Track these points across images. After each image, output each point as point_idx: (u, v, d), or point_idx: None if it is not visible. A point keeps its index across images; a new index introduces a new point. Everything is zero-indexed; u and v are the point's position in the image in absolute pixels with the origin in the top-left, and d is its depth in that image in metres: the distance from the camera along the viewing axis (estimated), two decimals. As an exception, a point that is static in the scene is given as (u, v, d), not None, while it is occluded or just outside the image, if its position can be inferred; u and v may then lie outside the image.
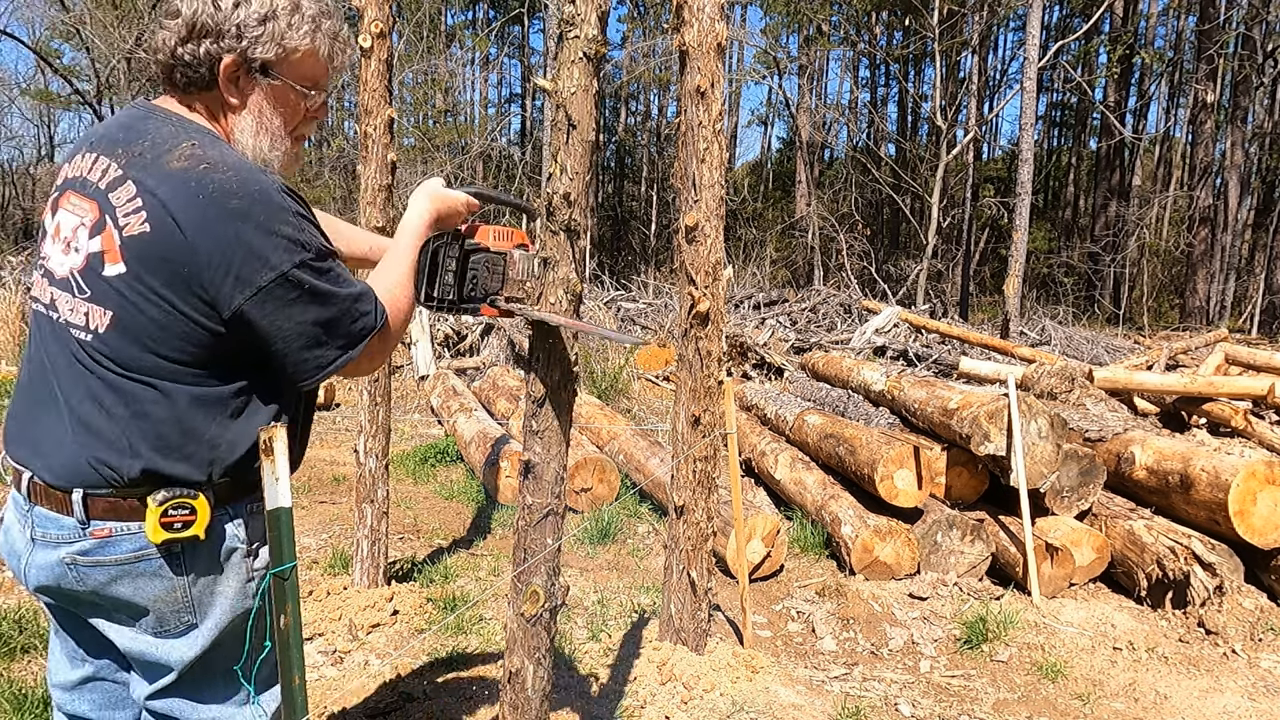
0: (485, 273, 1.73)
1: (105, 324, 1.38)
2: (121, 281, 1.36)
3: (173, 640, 1.48)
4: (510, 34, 30.81)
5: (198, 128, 1.45)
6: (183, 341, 1.38)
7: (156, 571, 1.43)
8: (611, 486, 5.35)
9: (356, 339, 1.46)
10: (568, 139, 1.71)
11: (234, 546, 1.49)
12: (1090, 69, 22.83)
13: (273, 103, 1.50)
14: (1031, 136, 14.82)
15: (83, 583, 1.44)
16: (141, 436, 1.39)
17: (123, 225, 1.36)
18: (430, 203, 1.71)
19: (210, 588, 1.48)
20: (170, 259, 1.34)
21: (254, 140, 1.49)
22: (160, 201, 1.34)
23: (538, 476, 1.82)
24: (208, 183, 1.34)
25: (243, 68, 1.46)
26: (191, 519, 1.41)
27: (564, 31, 1.68)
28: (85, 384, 1.40)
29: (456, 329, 10.52)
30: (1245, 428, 5.92)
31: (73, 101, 23.95)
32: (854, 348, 11.31)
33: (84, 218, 1.41)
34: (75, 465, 1.40)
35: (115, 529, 1.41)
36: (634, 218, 29.44)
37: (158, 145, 1.39)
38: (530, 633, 1.87)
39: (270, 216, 1.36)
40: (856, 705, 3.14)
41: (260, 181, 1.38)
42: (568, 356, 1.78)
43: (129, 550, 1.42)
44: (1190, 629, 3.86)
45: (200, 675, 1.52)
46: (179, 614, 1.47)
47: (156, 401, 1.39)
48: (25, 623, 3.28)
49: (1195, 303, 19.48)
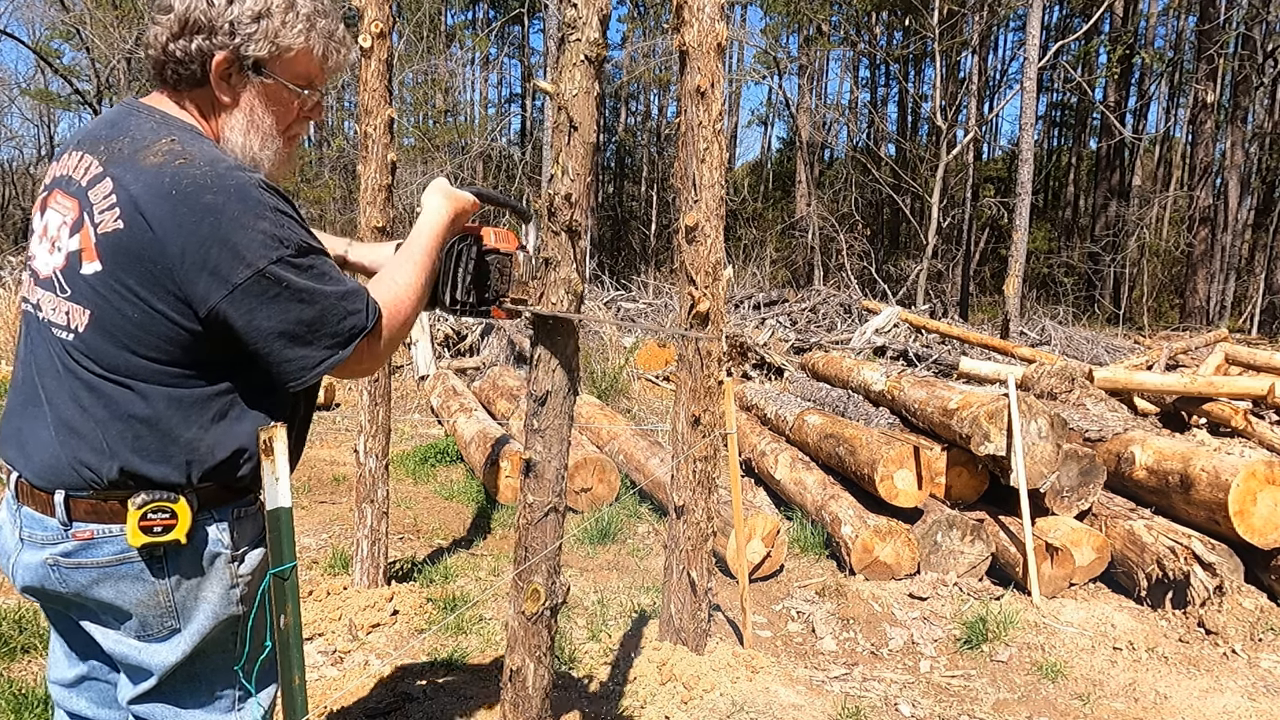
0: (498, 275, 1.73)
1: (84, 323, 1.35)
2: (98, 280, 1.34)
3: (155, 644, 1.46)
4: (510, 34, 30.82)
5: (181, 124, 1.43)
6: (161, 341, 1.34)
7: (138, 575, 1.41)
8: (611, 486, 5.35)
9: (345, 339, 1.40)
10: (569, 140, 1.72)
11: (217, 551, 1.46)
12: (1090, 69, 22.83)
13: (265, 101, 1.47)
14: (1031, 136, 14.83)
15: (65, 584, 1.42)
16: (119, 438, 1.36)
17: (98, 222, 1.33)
18: (448, 201, 1.67)
19: (194, 593, 1.45)
20: (143, 256, 1.31)
21: (244, 139, 1.47)
22: (132, 197, 1.31)
23: (539, 475, 1.83)
24: (181, 177, 1.31)
25: (235, 65, 1.43)
26: (172, 523, 1.38)
27: (565, 34, 1.70)
28: (67, 384, 1.38)
29: (456, 329, 10.52)
30: (1245, 428, 5.92)
31: (73, 101, 23.95)
32: (854, 348, 11.31)
33: (66, 216, 1.39)
34: (57, 466, 1.39)
35: (97, 531, 1.40)
36: (634, 218, 29.45)
37: (137, 141, 1.37)
38: (531, 631, 1.87)
39: (246, 211, 1.32)
40: (856, 705, 3.14)
41: (237, 177, 1.34)
42: (571, 356, 1.79)
43: (110, 553, 1.40)
44: (1190, 629, 3.86)
45: (182, 682, 1.50)
46: (161, 619, 1.45)
47: (134, 402, 1.36)
48: (25, 623, 3.28)
49: (1195, 303, 19.48)
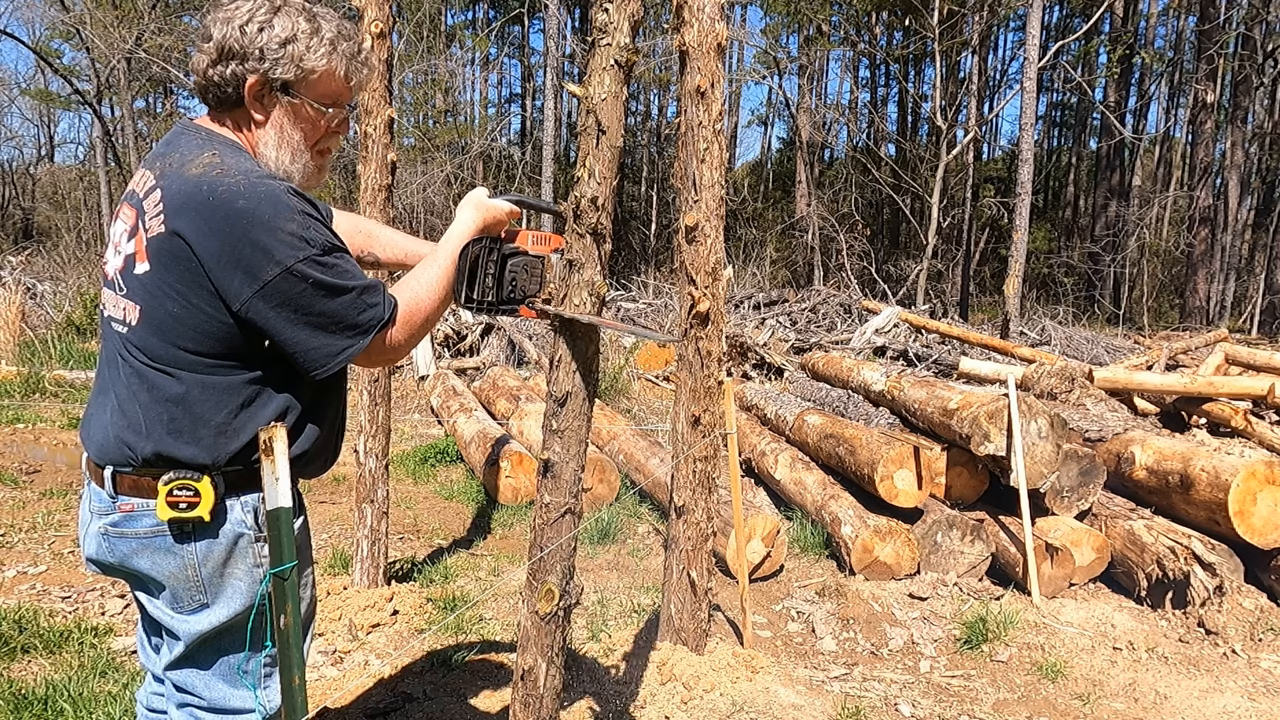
0: (524, 275, 1.82)
1: (136, 318, 1.52)
2: (147, 278, 1.50)
3: (186, 616, 1.59)
4: (510, 34, 30.79)
5: (222, 140, 1.58)
6: (198, 333, 1.49)
7: (170, 549, 1.55)
8: (611, 486, 5.35)
9: (365, 329, 1.54)
10: (597, 143, 1.74)
11: (241, 532, 1.58)
12: (1090, 69, 22.83)
13: (293, 119, 1.61)
14: (1031, 136, 14.82)
15: (113, 553, 1.58)
16: (157, 420, 1.52)
17: (148, 228, 1.50)
18: (476, 212, 1.80)
19: (219, 571, 1.57)
20: (183, 256, 1.46)
21: (276, 153, 1.62)
22: (176, 205, 1.47)
23: (556, 475, 1.84)
24: (217, 186, 1.45)
25: (266, 87, 1.57)
26: (195, 500, 1.51)
27: (596, 39, 1.72)
28: (123, 372, 1.55)
29: (456, 329, 10.53)
30: (1245, 428, 5.92)
31: (73, 102, 23.96)
32: (854, 348, 11.31)
33: (126, 224, 1.56)
34: (106, 444, 1.55)
35: (137, 505, 1.55)
36: (634, 218, 29.42)
37: (184, 156, 1.52)
38: (544, 631, 1.87)
39: (276, 215, 1.45)
40: (856, 705, 3.14)
41: (268, 184, 1.48)
42: (591, 358, 1.81)
43: (148, 526, 1.55)
44: (1190, 629, 3.86)
45: (211, 655, 1.62)
46: (191, 593, 1.58)
47: (173, 388, 1.51)
48: (25, 623, 3.28)
49: (1195, 303, 19.46)
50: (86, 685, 2.84)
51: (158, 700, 1.78)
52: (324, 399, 1.66)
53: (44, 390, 7.79)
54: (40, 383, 7.87)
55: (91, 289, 11.27)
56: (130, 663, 3.08)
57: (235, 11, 1.55)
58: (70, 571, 3.97)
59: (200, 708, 1.65)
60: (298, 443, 1.60)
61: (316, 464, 1.70)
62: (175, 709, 1.67)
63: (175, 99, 24.38)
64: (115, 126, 20.33)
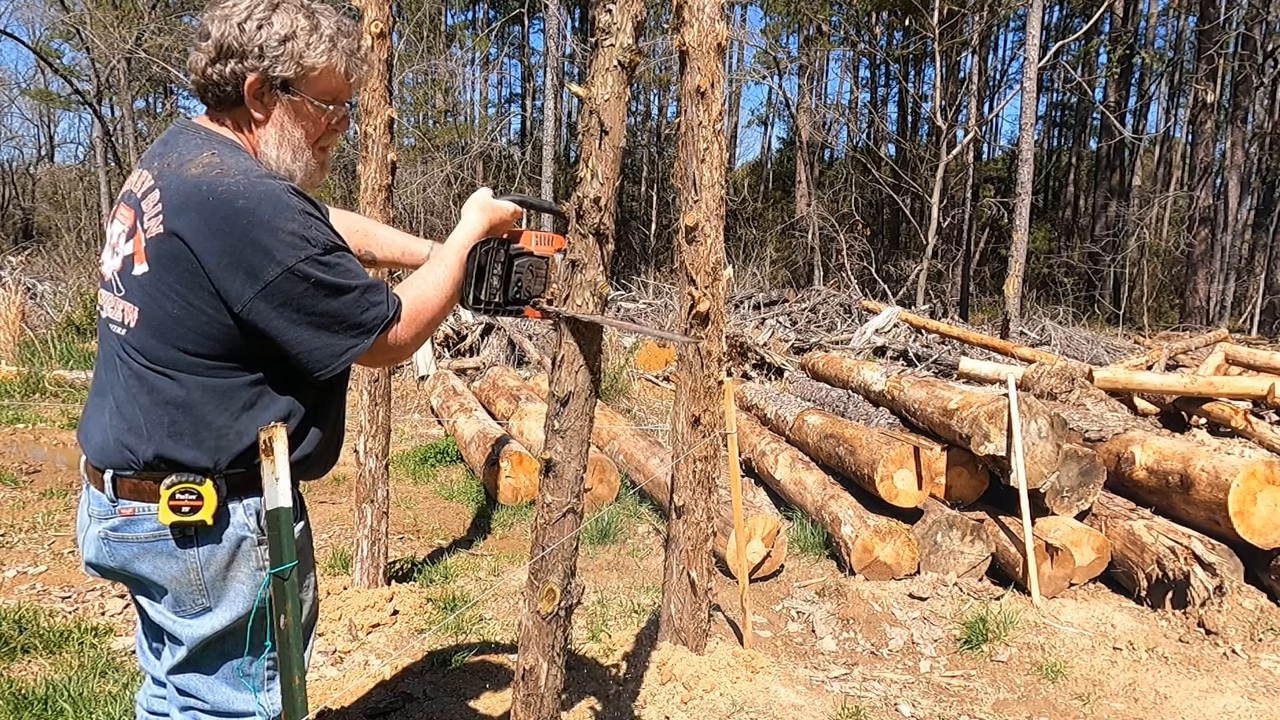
0: (530, 276, 1.82)
1: (135, 320, 1.50)
2: (146, 279, 1.48)
3: (188, 620, 1.58)
4: (510, 34, 30.78)
5: (222, 139, 1.56)
6: (198, 335, 1.47)
7: (171, 553, 1.53)
8: (611, 486, 5.35)
9: (368, 328, 1.53)
10: (599, 144, 1.74)
11: (244, 535, 1.56)
12: (1090, 69, 22.83)
13: (293, 117, 1.59)
14: (1031, 136, 14.82)
15: (113, 557, 1.56)
16: (158, 423, 1.50)
17: (147, 228, 1.48)
18: (483, 214, 1.80)
19: (222, 574, 1.56)
20: (182, 257, 1.44)
21: (277, 152, 1.60)
22: (175, 205, 1.45)
23: (558, 475, 1.84)
24: (217, 186, 1.43)
25: (266, 84, 1.55)
26: (198, 504, 1.50)
27: (599, 39, 1.72)
28: (121, 375, 1.53)
29: (456, 329, 10.53)
30: (1245, 428, 5.92)
31: (73, 102, 23.95)
32: (854, 348, 11.31)
33: (125, 225, 1.54)
34: (106, 448, 1.53)
35: (138, 509, 1.53)
36: (634, 218, 29.41)
37: (183, 156, 1.50)
38: (545, 630, 1.88)
39: (276, 214, 1.43)
40: (856, 705, 3.14)
41: (268, 184, 1.46)
42: (594, 358, 1.81)
43: (149, 530, 1.53)
44: (1190, 629, 3.86)
45: (214, 659, 1.61)
46: (193, 597, 1.56)
47: (173, 390, 1.50)
48: (25, 623, 3.28)
49: (1195, 303, 19.46)
50: (86, 685, 2.84)
51: (158, 703, 1.78)
52: (326, 401, 1.65)
53: (44, 390, 7.80)
54: (40, 383, 7.87)
55: (91, 289, 11.27)
56: (130, 663, 3.08)
57: (233, 9, 1.52)
58: (70, 571, 3.97)
59: (203, 711, 1.64)
60: (300, 446, 1.59)
61: (318, 467, 1.70)
62: (178, 712, 1.66)
63: (175, 99, 24.38)
64: (115, 126, 20.32)
